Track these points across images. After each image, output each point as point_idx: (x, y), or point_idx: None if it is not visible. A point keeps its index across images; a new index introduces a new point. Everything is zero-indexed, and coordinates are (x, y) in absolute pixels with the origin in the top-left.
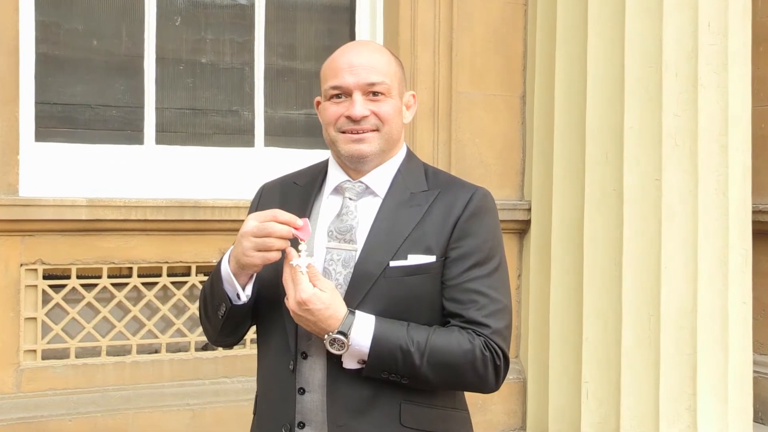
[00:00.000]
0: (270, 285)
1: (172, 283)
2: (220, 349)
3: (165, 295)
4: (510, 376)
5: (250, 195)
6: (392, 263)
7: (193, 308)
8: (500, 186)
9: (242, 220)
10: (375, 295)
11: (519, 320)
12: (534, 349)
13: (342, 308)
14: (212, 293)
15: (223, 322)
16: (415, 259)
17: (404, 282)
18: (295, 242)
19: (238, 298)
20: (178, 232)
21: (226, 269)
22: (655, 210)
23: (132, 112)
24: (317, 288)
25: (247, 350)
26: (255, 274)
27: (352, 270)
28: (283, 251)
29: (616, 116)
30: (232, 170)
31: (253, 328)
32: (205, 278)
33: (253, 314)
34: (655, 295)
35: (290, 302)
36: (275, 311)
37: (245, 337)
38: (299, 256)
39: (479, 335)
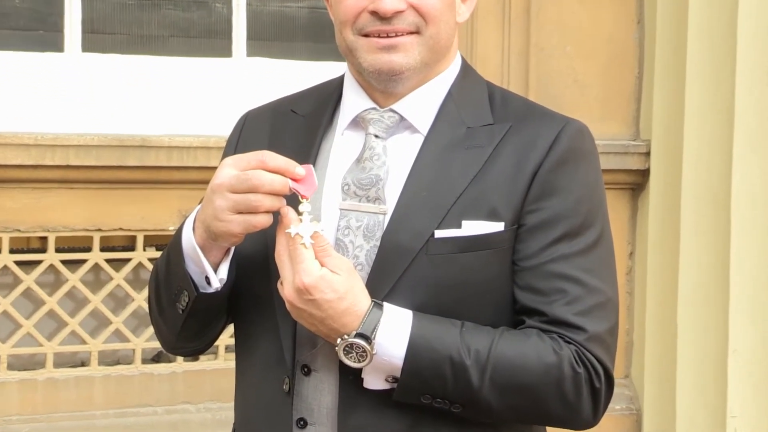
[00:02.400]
0: (255, 264)
1: (108, 261)
2: (180, 359)
3: (97, 279)
4: (616, 405)
5: (225, 130)
6: (439, 233)
7: (140, 299)
8: (604, 118)
9: (214, 168)
10: (412, 281)
11: (630, 322)
12: (653, 366)
13: (363, 299)
14: (169, 277)
15: (184, 320)
16: (473, 228)
17: (456, 261)
18: (293, 201)
19: (208, 283)
20: (117, 184)
21: (190, 241)
22: None
23: (46, 3)
24: (327, 268)
25: (221, 362)
26: (233, 249)
27: (378, 243)
28: (276, 214)
29: None
30: (198, 92)
31: (230, 330)
32: (158, 254)
33: (229, 308)
34: None
35: (286, 289)
36: (263, 304)
37: (217, 343)
38: (300, 221)
39: (569, 342)
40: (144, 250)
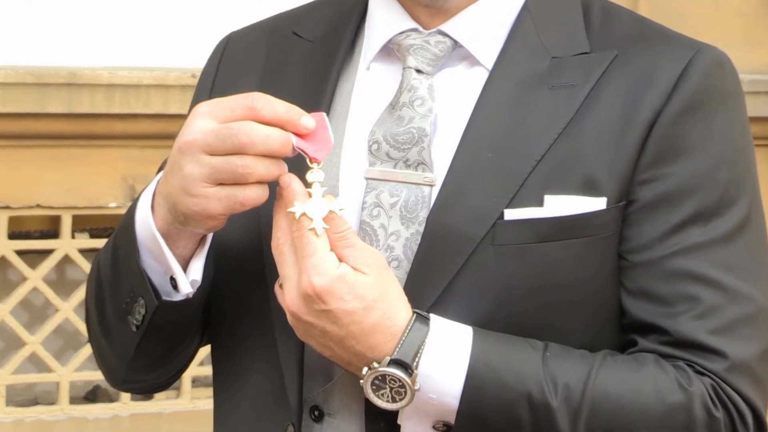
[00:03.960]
0: (244, 259)
1: (20, 253)
2: (126, 398)
3: (4, 279)
4: None
5: (193, 60)
6: (510, 213)
7: (68, 309)
8: (748, 43)
9: (175, 116)
10: (472, 283)
11: None
12: None
13: (401, 310)
14: (116, 278)
15: (140, 340)
16: (560, 205)
17: (536, 254)
18: (298, 166)
19: (174, 287)
20: (34, 141)
21: (147, 225)
22: None
23: None
24: (347, 265)
25: (184, 402)
26: (211, 237)
27: (422, 227)
28: (273, 186)
29: None
30: (152, 6)
31: (199, 356)
32: (95, 243)
33: (205, 323)
34: None
35: (288, 295)
36: (255, 317)
37: (185, 374)
38: (309, 196)
39: (702, 373)
40: (73, 237)
